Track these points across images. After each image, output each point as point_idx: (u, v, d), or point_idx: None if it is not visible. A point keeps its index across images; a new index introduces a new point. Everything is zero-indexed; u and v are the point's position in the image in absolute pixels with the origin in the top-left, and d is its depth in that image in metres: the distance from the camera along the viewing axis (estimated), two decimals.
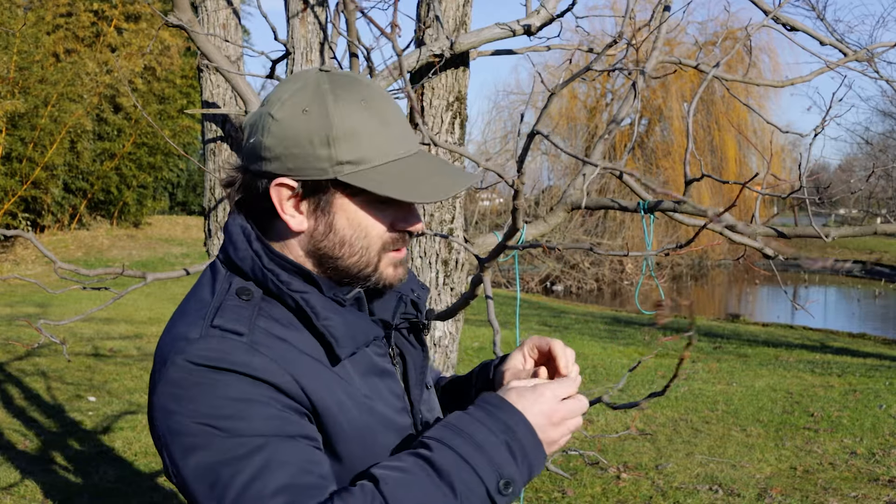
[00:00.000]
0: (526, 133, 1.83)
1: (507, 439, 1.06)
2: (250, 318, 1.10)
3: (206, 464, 1.01)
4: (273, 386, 1.05)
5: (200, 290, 1.16)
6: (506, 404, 1.09)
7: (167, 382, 1.06)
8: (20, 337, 8.45)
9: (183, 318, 1.13)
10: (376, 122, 1.11)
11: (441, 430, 1.08)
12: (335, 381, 1.11)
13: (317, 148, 1.09)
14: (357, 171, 1.10)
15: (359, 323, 1.15)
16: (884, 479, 5.02)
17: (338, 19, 3.29)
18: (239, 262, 1.14)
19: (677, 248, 1.55)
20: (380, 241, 1.15)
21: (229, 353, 1.05)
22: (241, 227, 1.16)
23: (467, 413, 1.09)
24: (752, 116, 20.99)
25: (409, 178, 1.11)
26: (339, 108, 1.10)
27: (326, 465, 1.06)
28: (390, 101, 1.15)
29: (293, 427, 1.05)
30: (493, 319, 2.08)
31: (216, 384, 1.04)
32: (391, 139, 1.12)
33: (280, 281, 1.12)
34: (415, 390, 1.23)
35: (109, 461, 5.12)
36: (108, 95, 19.09)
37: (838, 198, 15.64)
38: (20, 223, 17.32)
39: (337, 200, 1.13)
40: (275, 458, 1.01)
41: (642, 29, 2.67)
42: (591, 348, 10.23)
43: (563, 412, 1.11)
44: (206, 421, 1.02)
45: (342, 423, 1.09)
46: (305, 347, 1.11)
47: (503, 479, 1.04)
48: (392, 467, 1.05)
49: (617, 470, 5.17)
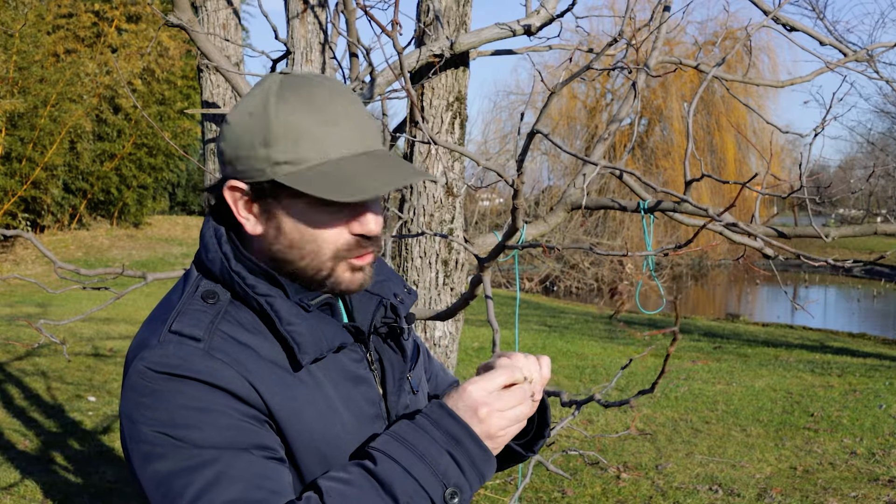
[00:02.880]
0: (526, 133, 1.83)
1: (450, 449, 1.05)
2: (211, 322, 1.09)
3: (162, 473, 1.02)
4: (230, 393, 1.05)
5: (172, 293, 1.16)
6: (448, 412, 1.08)
7: (128, 388, 1.06)
8: (20, 337, 8.45)
9: (149, 323, 1.13)
10: (318, 120, 1.09)
11: (385, 441, 1.07)
12: (297, 388, 1.10)
13: (257, 149, 1.09)
14: (294, 171, 1.08)
15: (324, 329, 1.13)
16: (884, 479, 5.02)
17: (338, 19, 3.29)
18: (209, 263, 1.14)
19: (677, 248, 1.55)
20: (332, 246, 1.12)
21: (186, 360, 1.05)
22: (213, 229, 1.16)
23: (412, 422, 1.08)
24: (752, 116, 20.99)
25: (344, 177, 1.08)
26: (280, 108, 1.09)
27: (280, 478, 1.05)
28: (343, 98, 1.12)
29: (249, 437, 1.04)
30: (493, 319, 2.08)
31: (173, 392, 1.04)
32: (334, 138, 1.09)
33: (246, 284, 1.11)
34: (392, 396, 1.21)
35: (109, 461, 5.12)
36: (107, 96, 19.09)
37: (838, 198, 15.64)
38: (20, 223, 17.31)
39: (283, 202, 1.11)
40: (226, 472, 1.01)
41: (642, 29, 2.67)
42: (590, 348, 10.23)
43: (494, 404, 1.08)
44: (163, 430, 1.03)
45: (300, 430, 1.09)
46: (268, 353, 1.10)
47: (449, 489, 1.04)
48: (337, 479, 1.04)
49: (617, 470, 5.17)
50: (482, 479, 1.08)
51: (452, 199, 3.24)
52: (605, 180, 19.07)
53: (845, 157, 35.66)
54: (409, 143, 3.27)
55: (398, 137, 3.34)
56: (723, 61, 2.52)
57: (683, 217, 2.69)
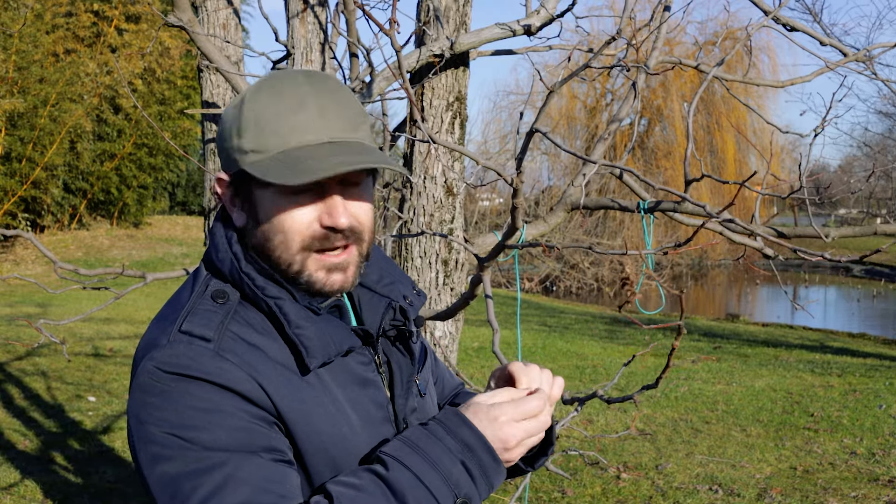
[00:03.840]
0: (525, 132, 1.83)
1: (464, 458, 1.05)
2: (221, 322, 1.09)
3: (170, 475, 1.02)
4: (239, 394, 1.05)
5: (181, 293, 1.16)
6: (464, 421, 1.08)
7: (138, 389, 1.06)
8: (20, 337, 8.45)
9: (158, 322, 1.13)
10: (285, 109, 1.09)
11: (398, 447, 1.06)
12: (305, 390, 1.09)
13: (233, 139, 1.11)
14: (257, 159, 1.09)
15: (333, 332, 1.12)
16: (884, 479, 5.02)
17: (338, 19, 3.29)
18: (219, 263, 1.14)
19: (677, 246, 1.55)
20: (298, 238, 1.10)
21: (196, 360, 1.04)
22: (223, 228, 1.16)
23: (426, 429, 1.08)
24: (752, 117, 20.99)
25: (297, 161, 1.07)
26: (253, 99, 1.11)
27: (289, 481, 1.05)
28: (316, 91, 1.11)
29: (258, 440, 1.04)
30: (493, 319, 2.08)
31: (183, 393, 1.03)
32: (297, 127, 1.08)
33: (255, 285, 1.11)
34: (399, 399, 1.21)
35: (109, 461, 5.12)
36: (108, 96, 19.09)
37: (838, 198, 15.63)
38: (20, 223, 17.31)
39: (255, 192, 1.12)
40: (235, 476, 1.01)
41: (642, 28, 2.67)
42: (590, 348, 10.23)
43: (520, 436, 1.09)
44: (172, 431, 1.02)
45: (309, 432, 1.08)
46: (277, 355, 1.09)
47: (460, 498, 1.04)
48: (347, 484, 1.04)
49: (617, 470, 5.17)
50: (491, 489, 1.07)
51: (452, 199, 3.24)
52: (605, 180, 19.06)
53: (845, 158, 35.66)
54: (409, 143, 3.27)
55: (398, 137, 3.34)
56: (722, 61, 2.52)
57: (683, 217, 2.69)
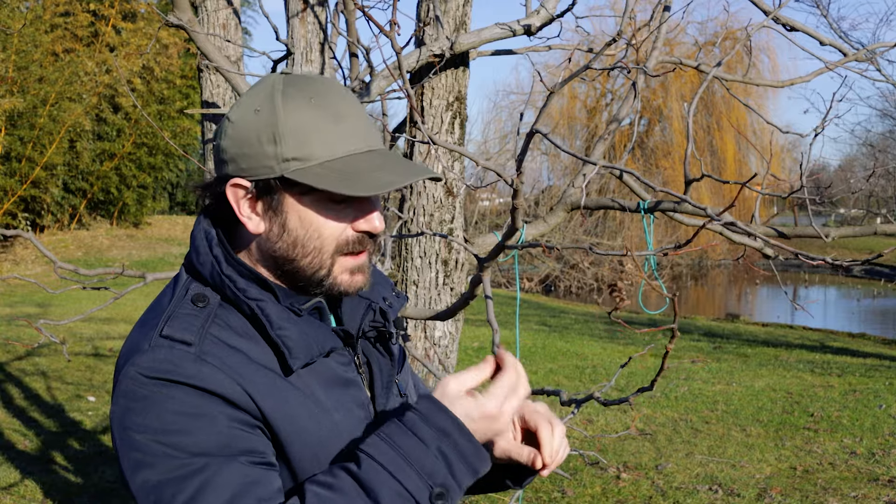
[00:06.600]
0: (525, 133, 1.83)
1: (440, 444, 1.04)
2: (202, 326, 1.09)
3: (152, 482, 1.03)
4: (221, 398, 1.05)
5: (162, 297, 1.16)
6: (439, 406, 1.07)
7: (120, 394, 1.06)
8: (20, 337, 8.45)
9: (139, 327, 1.12)
10: (326, 118, 1.10)
11: (373, 442, 1.06)
12: (289, 391, 1.10)
13: (265, 146, 1.09)
14: (303, 167, 1.09)
15: (315, 333, 1.13)
16: (884, 479, 5.02)
17: (338, 19, 3.29)
18: (199, 266, 1.14)
19: (677, 247, 1.55)
20: (334, 242, 1.12)
21: (177, 365, 1.04)
22: (204, 231, 1.16)
23: (401, 420, 1.07)
24: (752, 117, 20.97)
25: (353, 173, 1.09)
26: (287, 105, 1.10)
27: (269, 484, 1.05)
28: (346, 98, 1.14)
29: (239, 443, 1.05)
30: (493, 319, 2.08)
31: (165, 398, 1.04)
32: (341, 135, 1.10)
33: (237, 288, 1.11)
34: (380, 399, 1.22)
35: (109, 461, 5.12)
36: (107, 95, 19.09)
37: (838, 198, 15.64)
38: (20, 223, 17.31)
39: (288, 199, 1.11)
40: (214, 480, 1.02)
41: (642, 29, 2.67)
42: (590, 348, 10.23)
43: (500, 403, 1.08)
44: (155, 437, 1.03)
45: (294, 433, 1.09)
46: (259, 357, 1.10)
47: (436, 489, 1.03)
48: (321, 483, 1.04)
49: (617, 470, 5.17)
50: (475, 474, 1.06)
51: (452, 199, 3.24)
52: (605, 180, 19.07)
53: (845, 157, 35.65)
54: (408, 143, 3.27)
55: (398, 137, 3.34)
56: (722, 62, 2.52)
57: (683, 217, 2.69)
